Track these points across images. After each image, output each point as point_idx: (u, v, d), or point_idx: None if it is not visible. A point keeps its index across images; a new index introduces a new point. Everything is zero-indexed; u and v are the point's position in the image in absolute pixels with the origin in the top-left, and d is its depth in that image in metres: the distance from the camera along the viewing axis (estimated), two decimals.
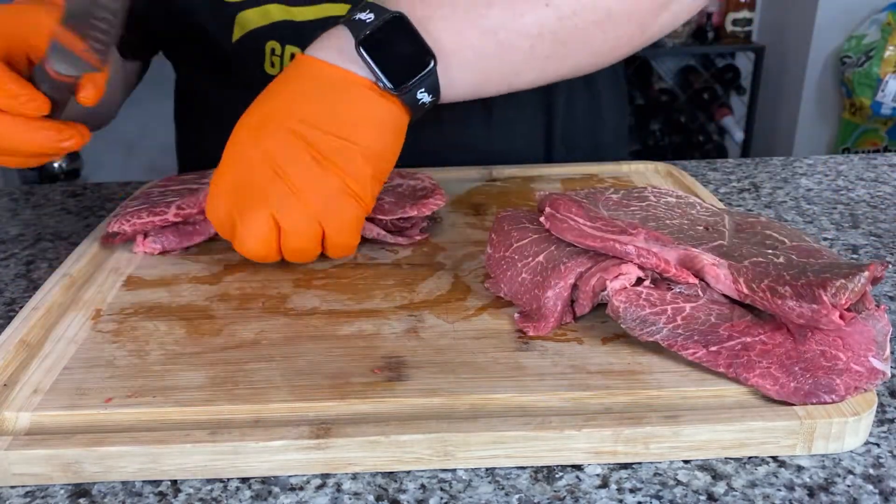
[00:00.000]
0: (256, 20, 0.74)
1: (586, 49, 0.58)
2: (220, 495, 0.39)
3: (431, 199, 0.61)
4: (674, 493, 0.38)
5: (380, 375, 0.44)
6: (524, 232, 0.53)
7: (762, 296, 0.44)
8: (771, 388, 0.41)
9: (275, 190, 0.51)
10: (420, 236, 0.61)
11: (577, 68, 0.60)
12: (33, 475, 0.39)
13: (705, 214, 0.55)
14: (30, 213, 0.76)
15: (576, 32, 0.56)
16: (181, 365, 0.46)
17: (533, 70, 0.57)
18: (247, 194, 0.52)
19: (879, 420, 0.43)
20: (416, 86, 0.52)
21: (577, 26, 0.56)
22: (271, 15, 0.74)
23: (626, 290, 0.46)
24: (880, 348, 0.42)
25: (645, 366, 0.44)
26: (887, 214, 0.71)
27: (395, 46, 0.52)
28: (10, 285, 0.61)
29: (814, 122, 2.62)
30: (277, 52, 0.76)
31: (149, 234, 0.59)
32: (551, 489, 0.39)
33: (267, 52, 0.76)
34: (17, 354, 0.47)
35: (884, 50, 2.25)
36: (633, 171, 0.77)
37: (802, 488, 0.38)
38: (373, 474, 0.40)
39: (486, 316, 0.50)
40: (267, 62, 0.77)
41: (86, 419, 0.42)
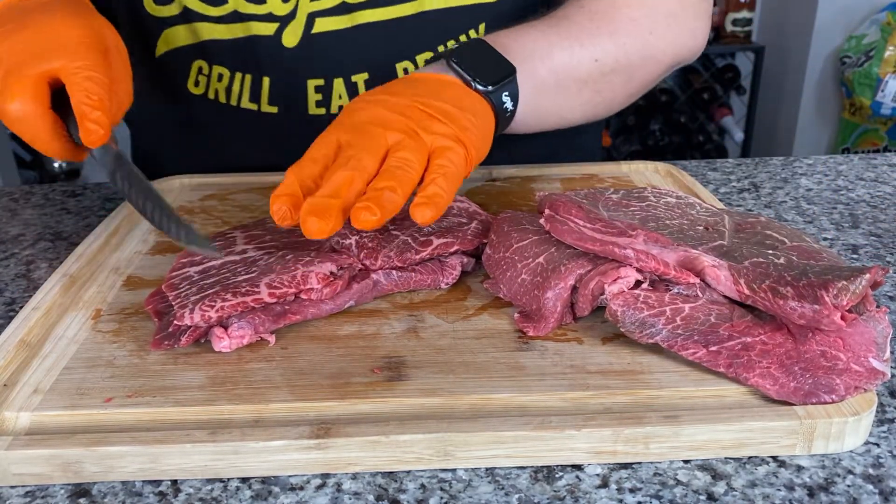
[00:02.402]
0: (184, 37, 0.74)
1: (612, 99, 0.70)
2: (220, 495, 0.39)
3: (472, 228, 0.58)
4: (674, 493, 0.38)
5: (380, 375, 0.44)
6: (524, 233, 0.53)
7: (763, 296, 0.44)
8: (771, 388, 0.41)
9: (393, 120, 0.53)
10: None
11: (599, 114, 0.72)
12: (33, 475, 0.39)
13: (705, 214, 0.55)
14: (30, 213, 0.76)
15: (608, 85, 0.69)
16: (181, 365, 0.46)
17: (574, 110, 0.69)
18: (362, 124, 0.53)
19: (879, 420, 0.43)
20: (502, 89, 0.59)
21: (611, 81, 0.68)
22: (200, 33, 0.73)
23: (624, 294, 0.46)
24: (880, 350, 0.42)
25: (645, 366, 0.44)
26: (887, 214, 0.71)
27: (480, 59, 0.60)
28: (10, 285, 0.61)
29: (814, 122, 2.62)
30: (205, 72, 0.76)
31: (229, 322, 0.47)
32: (551, 489, 0.39)
33: (193, 71, 0.76)
34: (17, 354, 0.47)
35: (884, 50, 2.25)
36: (633, 171, 0.77)
37: (802, 488, 0.38)
38: (373, 474, 0.40)
39: (486, 316, 0.50)
40: (191, 80, 0.76)
41: (86, 419, 0.42)
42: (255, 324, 0.47)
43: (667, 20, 0.70)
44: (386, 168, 0.50)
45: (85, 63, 0.53)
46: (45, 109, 0.53)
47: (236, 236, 0.58)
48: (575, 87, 0.67)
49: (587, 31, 0.66)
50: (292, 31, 0.73)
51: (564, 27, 0.66)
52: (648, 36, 0.69)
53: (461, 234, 0.55)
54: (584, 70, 0.66)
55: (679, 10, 0.71)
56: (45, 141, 0.54)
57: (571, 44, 0.65)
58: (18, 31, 0.54)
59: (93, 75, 0.52)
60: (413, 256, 0.53)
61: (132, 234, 0.64)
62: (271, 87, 0.75)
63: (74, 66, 0.52)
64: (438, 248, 0.54)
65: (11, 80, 0.52)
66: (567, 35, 0.66)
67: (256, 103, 0.76)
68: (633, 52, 0.68)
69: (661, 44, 0.70)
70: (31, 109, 0.52)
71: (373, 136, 0.52)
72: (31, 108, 0.52)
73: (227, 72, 0.75)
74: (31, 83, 0.52)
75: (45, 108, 0.53)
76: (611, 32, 0.67)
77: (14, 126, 0.54)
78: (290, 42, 0.73)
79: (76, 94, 0.52)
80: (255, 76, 0.75)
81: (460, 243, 0.54)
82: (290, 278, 0.49)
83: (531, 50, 0.63)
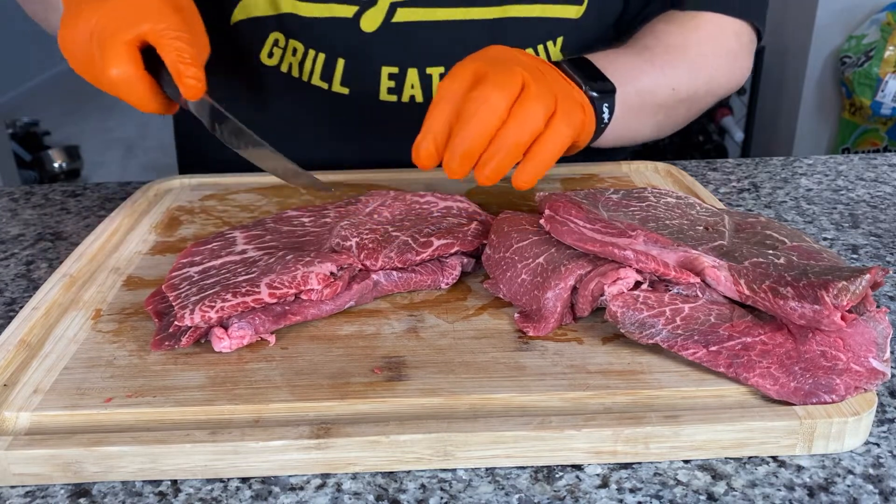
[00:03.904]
0: (263, 8, 0.74)
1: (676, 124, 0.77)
2: (220, 495, 0.39)
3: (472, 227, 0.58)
4: (674, 493, 0.38)
5: (380, 375, 0.44)
6: (524, 233, 0.53)
7: (763, 297, 0.44)
8: (771, 388, 0.41)
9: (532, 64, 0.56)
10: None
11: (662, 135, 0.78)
12: (33, 475, 0.39)
13: (705, 214, 0.55)
14: (30, 213, 0.76)
15: (676, 111, 0.75)
16: (181, 365, 0.46)
17: (646, 131, 0.75)
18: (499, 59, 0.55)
19: (879, 420, 0.43)
20: (603, 100, 0.63)
21: (679, 108, 0.75)
22: (279, 5, 0.74)
23: (624, 295, 0.46)
24: (880, 350, 0.42)
25: (645, 366, 0.44)
26: (887, 214, 0.71)
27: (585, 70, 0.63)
28: (10, 285, 0.61)
29: (814, 122, 2.62)
30: (280, 44, 0.76)
31: (229, 322, 0.47)
32: (551, 489, 0.39)
33: (269, 42, 0.76)
34: (18, 354, 0.47)
35: (884, 50, 2.25)
36: (633, 171, 0.77)
37: (802, 488, 0.38)
38: (373, 474, 0.40)
39: (486, 316, 0.50)
40: (265, 52, 0.77)
41: (86, 419, 0.42)
42: (256, 324, 0.47)
43: (727, 57, 0.78)
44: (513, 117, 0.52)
45: (168, 24, 0.57)
46: (141, 72, 0.57)
47: (236, 236, 0.58)
48: (652, 110, 0.72)
49: (667, 62, 0.73)
50: (371, 17, 0.74)
51: (647, 57, 0.73)
52: (713, 71, 0.76)
53: (461, 234, 0.55)
54: (662, 96, 0.72)
55: (737, 49, 0.79)
56: (146, 99, 0.59)
57: (655, 72, 0.72)
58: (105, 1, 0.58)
59: (180, 35, 0.57)
60: (413, 257, 0.53)
61: (132, 234, 0.64)
62: (345, 69, 0.76)
63: (160, 28, 0.57)
64: (439, 248, 0.54)
65: (107, 48, 0.56)
66: (651, 64, 0.72)
67: (328, 82, 0.77)
68: (701, 83, 0.75)
69: (722, 79, 0.78)
70: (131, 72, 0.57)
71: (510, 72, 0.53)
72: (130, 71, 0.57)
73: (301, 47, 0.76)
74: (125, 49, 0.56)
75: (142, 70, 0.57)
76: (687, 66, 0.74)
77: (115, 89, 0.58)
78: (368, 27, 0.74)
79: (169, 53, 0.57)
80: (329, 55, 0.76)
81: (460, 244, 0.54)
82: (291, 279, 0.49)
83: (622, 73, 0.67)
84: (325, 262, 0.50)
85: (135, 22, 0.57)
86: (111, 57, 0.56)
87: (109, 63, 0.56)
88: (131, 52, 0.57)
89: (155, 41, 0.57)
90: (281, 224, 0.60)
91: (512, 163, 0.53)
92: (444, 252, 0.54)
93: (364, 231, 0.56)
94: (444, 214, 0.60)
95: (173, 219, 0.68)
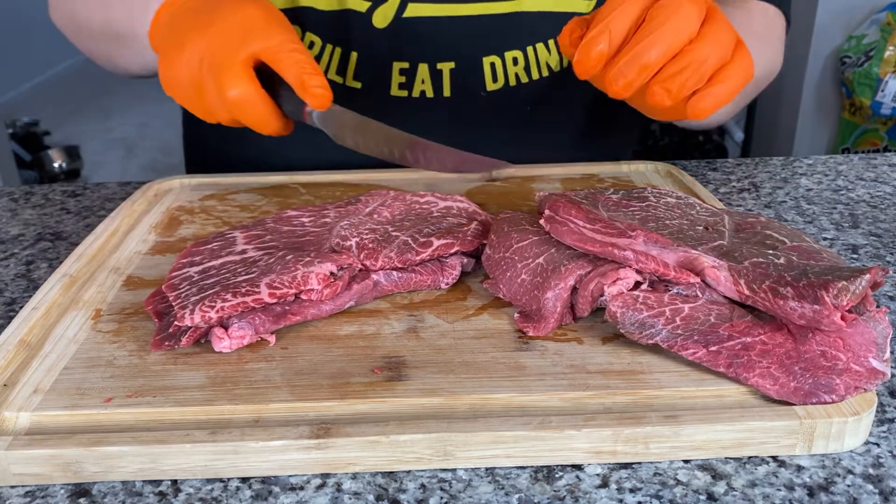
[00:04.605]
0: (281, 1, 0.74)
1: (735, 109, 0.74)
2: (220, 495, 0.39)
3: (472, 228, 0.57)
4: (674, 493, 0.38)
5: (380, 375, 0.44)
6: (524, 233, 0.53)
7: (763, 297, 0.44)
8: (771, 388, 0.41)
9: None
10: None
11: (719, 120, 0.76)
12: (33, 475, 0.39)
13: (705, 214, 0.55)
14: (30, 213, 0.76)
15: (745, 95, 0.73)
16: (181, 365, 0.46)
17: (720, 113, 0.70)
18: None
19: (879, 420, 0.43)
20: None
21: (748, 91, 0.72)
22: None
23: (623, 295, 0.46)
24: (880, 350, 0.42)
25: (645, 366, 0.44)
26: (887, 214, 0.71)
27: None
28: (10, 285, 0.61)
29: (814, 122, 2.62)
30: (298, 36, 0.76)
31: (229, 322, 0.47)
32: (551, 489, 0.39)
33: None
34: (17, 354, 0.47)
35: (884, 50, 2.25)
36: (633, 171, 0.77)
37: (802, 488, 0.38)
38: (373, 474, 0.40)
39: (486, 316, 0.50)
40: None
41: (86, 419, 0.42)
42: (256, 324, 0.47)
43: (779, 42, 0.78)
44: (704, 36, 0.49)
45: (281, 39, 0.56)
46: (260, 90, 0.56)
47: (236, 236, 0.58)
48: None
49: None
50: (383, 13, 0.74)
51: None
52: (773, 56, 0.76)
53: (461, 234, 0.55)
54: None
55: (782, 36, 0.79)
56: (268, 119, 0.58)
57: None
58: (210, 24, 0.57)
59: (295, 47, 0.56)
60: (413, 257, 0.53)
61: (132, 234, 0.64)
62: (358, 63, 0.76)
63: (274, 44, 0.56)
64: (438, 248, 0.54)
65: (224, 70, 0.55)
66: None
67: (342, 76, 0.77)
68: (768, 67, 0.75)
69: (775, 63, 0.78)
70: (251, 92, 0.56)
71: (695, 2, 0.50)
72: (250, 90, 0.56)
73: (319, 41, 0.76)
74: (242, 69, 0.55)
75: (260, 89, 0.56)
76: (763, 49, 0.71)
77: (236, 111, 0.57)
78: (380, 22, 0.74)
79: (290, 67, 0.55)
80: (344, 50, 0.76)
81: (460, 244, 0.54)
82: (291, 279, 0.49)
83: None
84: (325, 262, 0.50)
85: (247, 41, 0.56)
86: (228, 78, 0.55)
87: (227, 85, 0.55)
88: (247, 71, 0.56)
89: (271, 58, 0.56)
90: (281, 224, 0.60)
91: (695, 85, 0.49)
92: (444, 252, 0.54)
93: (364, 231, 0.56)
94: (444, 214, 0.60)
95: (173, 219, 0.68)
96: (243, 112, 0.57)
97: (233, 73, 0.55)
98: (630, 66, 0.48)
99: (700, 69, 0.48)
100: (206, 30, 0.57)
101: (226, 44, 0.56)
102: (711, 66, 0.49)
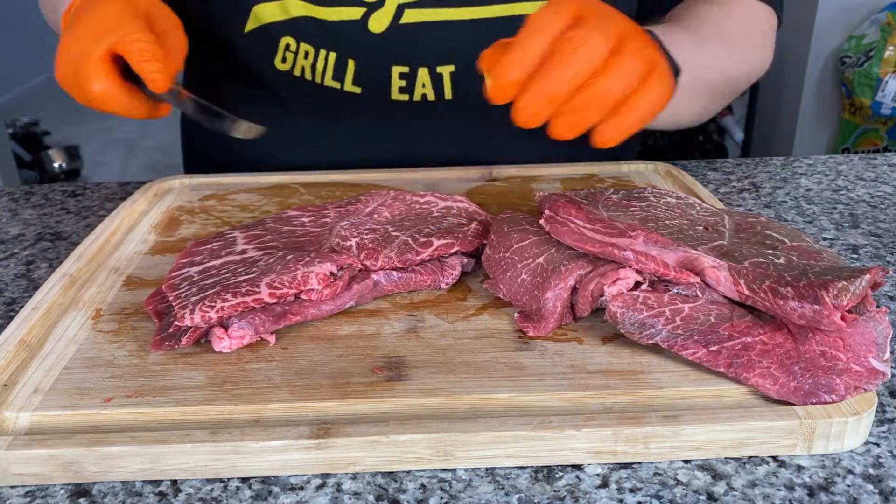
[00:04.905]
0: (274, 14, 0.75)
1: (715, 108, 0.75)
2: (220, 495, 0.39)
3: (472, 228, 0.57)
4: (674, 493, 0.38)
5: (380, 375, 0.44)
6: (524, 233, 0.53)
7: (763, 297, 0.44)
8: (771, 388, 0.41)
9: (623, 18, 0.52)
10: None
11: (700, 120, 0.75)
12: (33, 475, 0.39)
13: (705, 214, 0.55)
14: (30, 213, 0.76)
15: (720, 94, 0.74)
16: (181, 365, 0.46)
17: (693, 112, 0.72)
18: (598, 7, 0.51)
19: (879, 420, 0.43)
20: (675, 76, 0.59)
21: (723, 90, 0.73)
22: (290, 10, 0.74)
23: (623, 295, 0.46)
24: (880, 350, 0.42)
25: (645, 366, 0.44)
26: (887, 214, 0.71)
27: None
28: (10, 285, 0.61)
29: (814, 122, 2.62)
30: (292, 49, 0.76)
31: (229, 322, 0.47)
32: (551, 489, 0.39)
33: (281, 47, 0.77)
34: (17, 354, 0.47)
35: (884, 50, 2.25)
36: (633, 171, 0.77)
37: (802, 488, 0.38)
38: (373, 474, 0.40)
39: (486, 316, 0.50)
40: (278, 57, 0.77)
41: (86, 419, 0.42)
42: (256, 324, 0.47)
43: (764, 40, 0.77)
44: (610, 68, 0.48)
45: (127, 30, 0.60)
46: (118, 81, 0.60)
47: (236, 236, 0.58)
48: (701, 92, 0.70)
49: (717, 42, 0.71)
50: (379, 19, 0.74)
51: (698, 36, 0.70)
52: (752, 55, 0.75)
53: (461, 234, 0.55)
54: (712, 78, 0.70)
55: (769, 37, 0.78)
56: (132, 107, 0.61)
57: (706, 52, 0.69)
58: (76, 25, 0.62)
59: (139, 36, 0.59)
60: (413, 257, 0.53)
61: (132, 234, 0.64)
62: (356, 69, 0.76)
63: (120, 36, 0.59)
64: (438, 248, 0.54)
65: (84, 68, 0.59)
66: (703, 43, 0.69)
67: (340, 82, 0.77)
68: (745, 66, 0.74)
69: (758, 63, 0.76)
70: (109, 86, 0.60)
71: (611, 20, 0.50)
72: (108, 84, 0.60)
73: (312, 49, 0.76)
74: (98, 64, 0.59)
75: (118, 81, 0.60)
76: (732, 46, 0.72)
77: (101, 104, 0.61)
78: (376, 28, 0.74)
79: (131, 56, 0.59)
80: (339, 55, 0.76)
81: (460, 244, 0.54)
82: (291, 279, 0.49)
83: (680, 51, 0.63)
84: (325, 262, 0.50)
85: (101, 38, 0.60)
86: (89, 75, 0.59)
87: (89, 81, 0.60)
88: (105, 65, 0.60)
89: (121, 49, 0.59)
90: (281, 224, 0.60)
91: (597, 118, 0.49)
92: (444, 252, 0.54)
93: (364, 231, 0.56)
94: (444, 214, 0.60)
95: (173, 219, 0.68)
96: (108, 104, 0.61)
97: (91, 70, 0.59)
98: (536, 98, 0.48)
99: (602, 102, 0.48)
100: (73, 31, 0.61)
101: (85, 43, 0.60)
102: (614, 99, 0.48)
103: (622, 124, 0.49)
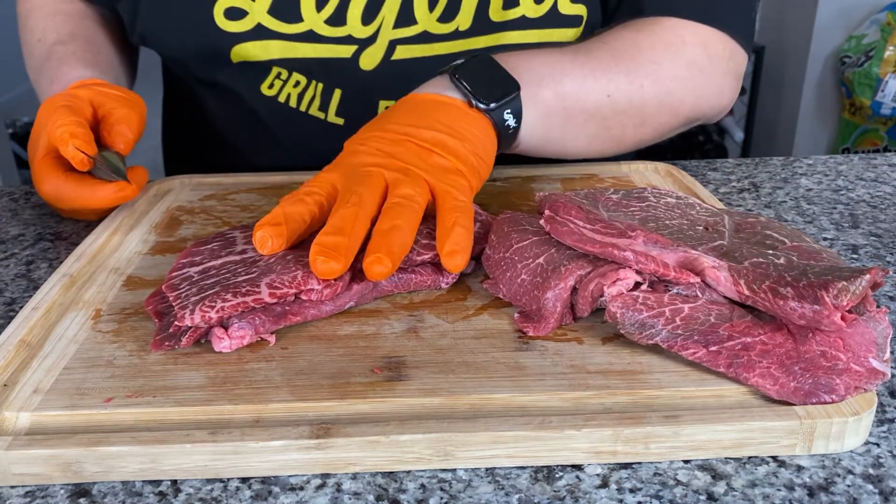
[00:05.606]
0: (256, 54, 0.74)
1: (621, 138, 0.69)
2: (220, 495, 0.39)
3: None
4: (674, 493, 0.38)
5: (380, 375, 0.44)
6: (524, 234, 0.53)
7: (763, 297, 0.44)
8: (771, 388, 0.41)
9: (387, 162, 0.55)
10: None
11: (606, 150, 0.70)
12: (33, 475, 0.39)
13: (705, 214, 0.55)
14: (30, 213, 0.76)
15: (618, 124, 0.68)
16: (181, 365, 0.46)
17: (579, 140, 0.68)
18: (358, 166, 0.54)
19: (879, 420, 0.43)
20: (504, 107, 0.60)
21: (622, 120, 0.68)
22: (271, 51, 0.74)
23: (623, 296, 0.46)
24: (880, 350, 0.42)
25: (645, 366, 0.44)
26: (887, 214, 0.71)
27: (484, 75, 0.61)
28: (10, 285, 0.61)
29: (814, 122, 2.62)
30: (283, 77, 0.76)
31: (229, 322, 0.47)
32: (551, 489, 0.39)
33: (271, 74, 0.76)
34: (17, 354, 0.47)
35: (884, 50, 2.25)
36: (632, 171, 0.77)
37: (802, 488, 0.38)
38: (373, 474, 0.40)
39: (486, 316, 0.50)
40: (266, 84, 0.77)
41: (86, 419, 0.42)
42: (256, 324, 0.47)
43: (690, 69, 0.69)
44: (388, 206, 0.51)
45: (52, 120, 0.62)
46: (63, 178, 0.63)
47: (236, 236, 0.58)
48: (581, 117, 0.66)
49: (604, 65, 0.66)
50: (371, 55, 0.74)
51: (581, 59, 0.66)
52: (669, 82, 0.68)
53: None
54: (593, 103, 0.65)
55: (706, 63, 0.70)
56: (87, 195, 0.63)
57: (584, 74, 0.65)
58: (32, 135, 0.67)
59: (61, 122, 0.61)
60: (414, 258, 0.53)
61: (132, 234, 0.64)
62: (341, 101, 0.76)
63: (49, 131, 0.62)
64: None
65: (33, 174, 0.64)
66: (582, 66, 0.66)
67: (324, 112, 0.77)
68: (650, 95, 0.67)
69: (681, 92, 0.69)
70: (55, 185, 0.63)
71: (370, 175, 0.53)
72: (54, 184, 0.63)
73: (304, 80, 0.76)
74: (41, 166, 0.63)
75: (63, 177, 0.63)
76: (629, 71, 0.66)
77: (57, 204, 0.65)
78: (367, 65, 0.74)
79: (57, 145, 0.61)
80: (326, 86, 0.76)
81: None
82: (291, 279, 0.49)
83: (540, 74, 0.63)
84: None
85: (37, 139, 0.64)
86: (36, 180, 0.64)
87: (39, 185, 0.64)
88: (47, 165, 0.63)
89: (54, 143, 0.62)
90: None
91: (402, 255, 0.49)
92: None
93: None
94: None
95: (173, 219, 0.68)
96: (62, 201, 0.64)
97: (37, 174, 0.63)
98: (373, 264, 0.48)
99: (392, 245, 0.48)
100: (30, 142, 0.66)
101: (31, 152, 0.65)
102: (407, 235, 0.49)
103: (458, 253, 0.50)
